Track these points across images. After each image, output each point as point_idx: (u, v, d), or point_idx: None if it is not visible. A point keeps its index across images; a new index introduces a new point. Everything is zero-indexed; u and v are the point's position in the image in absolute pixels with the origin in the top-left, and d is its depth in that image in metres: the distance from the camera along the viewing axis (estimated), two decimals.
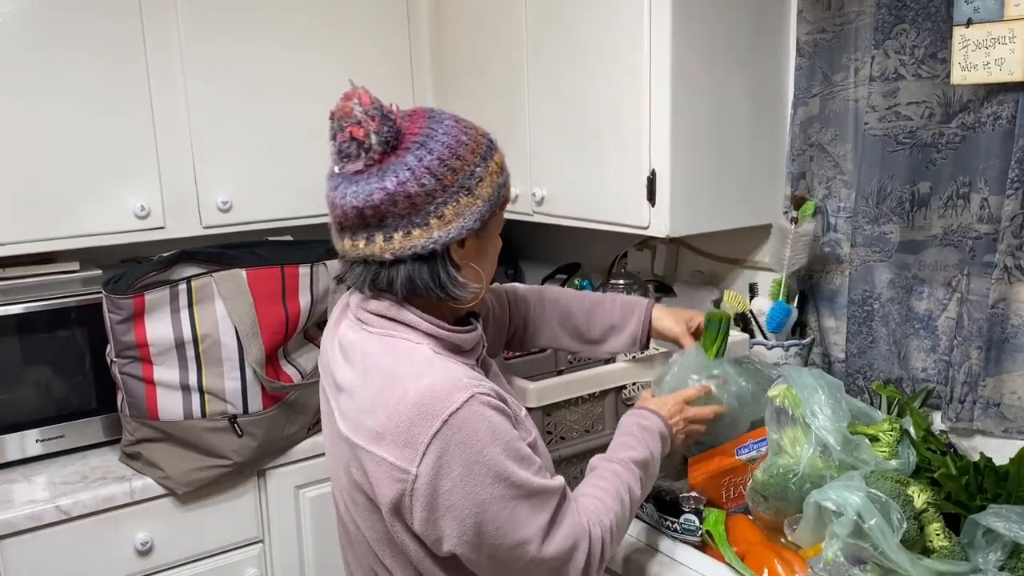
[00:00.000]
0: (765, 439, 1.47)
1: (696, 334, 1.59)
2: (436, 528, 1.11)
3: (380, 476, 1.12)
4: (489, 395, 1.12)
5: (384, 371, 1.15)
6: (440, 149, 1.15)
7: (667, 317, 1.59)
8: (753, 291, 2.04)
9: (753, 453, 1.48)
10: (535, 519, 1.12)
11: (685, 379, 1.51)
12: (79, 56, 1.99)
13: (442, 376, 1.12)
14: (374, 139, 1.12)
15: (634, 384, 1.74)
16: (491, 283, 1.27)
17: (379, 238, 1.14)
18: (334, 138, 1.16)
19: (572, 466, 1.62)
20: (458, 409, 1.08)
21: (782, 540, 1.42)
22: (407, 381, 1.11)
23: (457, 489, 1.08)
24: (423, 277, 1.16)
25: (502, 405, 1.14)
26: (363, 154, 1.13)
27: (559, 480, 1.18)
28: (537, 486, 1.13)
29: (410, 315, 1.19)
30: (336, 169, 1.17)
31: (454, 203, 1.15)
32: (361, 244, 1.16)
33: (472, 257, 1.21)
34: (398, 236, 1.14)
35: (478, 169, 1.18)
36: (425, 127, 1.17)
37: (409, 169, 1.13)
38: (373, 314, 1.20)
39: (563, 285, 2.54)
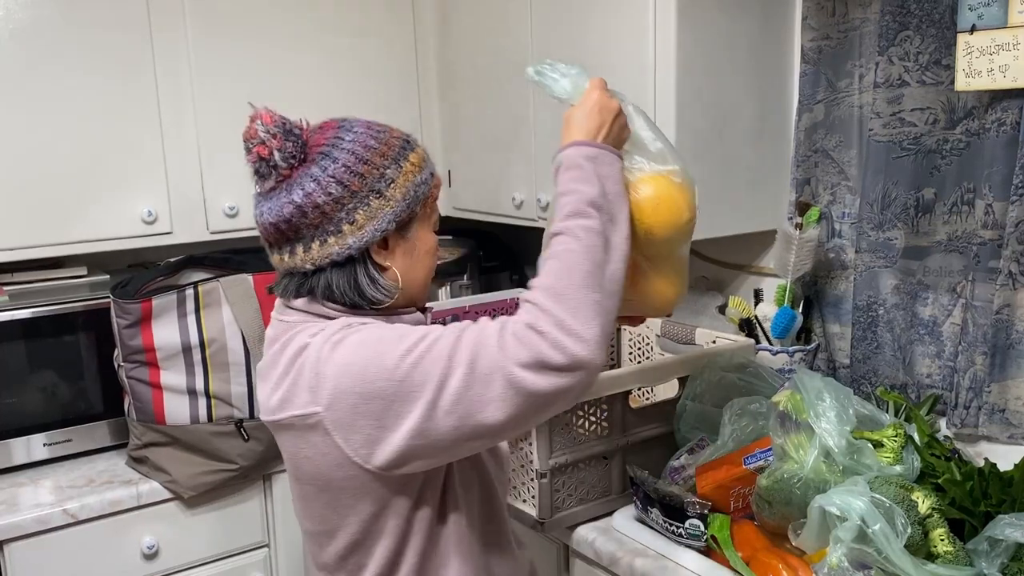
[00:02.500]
0: (771, 448, 1.47)
1: None
2: (366, 437, 1.10)
3: (303, 435, 1.15)
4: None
5: (293, 347, 1.18)
6: (345, 156, 1.17)
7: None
8: (758, 297, 2.04)
9: (760, 462, 1.48)
10: (444, 354, 1.08)
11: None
12: (88, 65, 2.01)
13: (323, 333, 1.15)
14: (277, 156, 1.16)
15: (640, 389, 1.75)
16: (430, 278, 1.28)
17: (299, 249, 1.18)
18: (248, 160, 1.20)
19: (579, 470, 1.63)
20: (328, 339, 1.13)
21: (787, 545, 1.42)
22: (303, 351, 1.15)
23: (362, 393, 1.09)
24: (340, 283, 1.19)
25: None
26: (272, 172, 1.17)
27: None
28: (421, 334, 1.11)
29: (325, 308, 1.20)
30: (256, 189, 1.22)
31: (365, 207, 1.17)
32: (285, 257, 1.21)
33: (398, 257, 1.22)
34: (315, 246, 1.17)
35: (388, 171, 1.18)
36: (332, 137, 1.20)
37: (314, 180, 1.16)
38: (293, 310, 1.23)
39: None
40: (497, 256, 2.70)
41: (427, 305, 1.34)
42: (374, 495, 1.18)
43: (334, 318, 1.19)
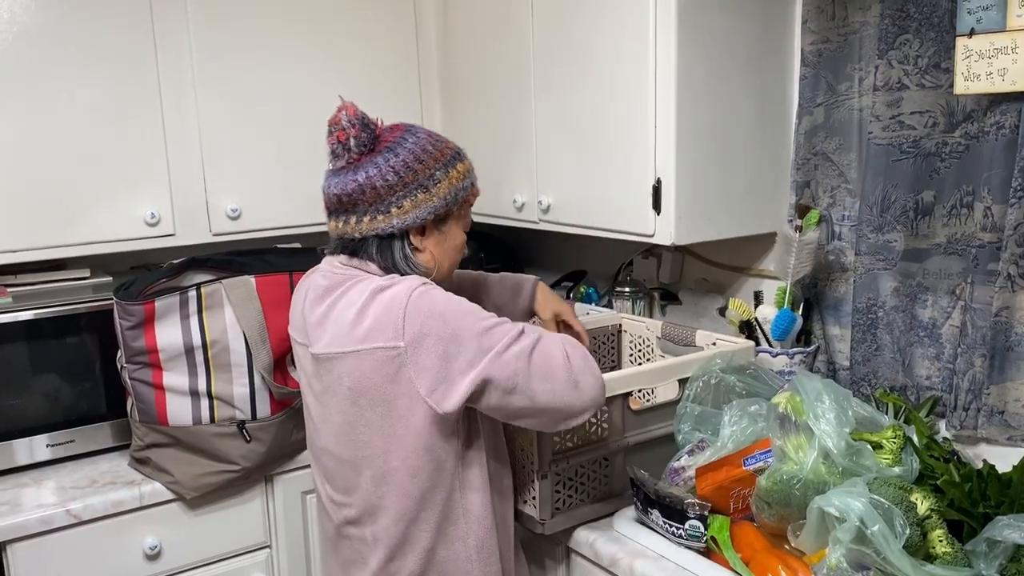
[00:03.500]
0: (771, 450, 1.47)
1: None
2: (443, 381, 1.35)
3: (377, 364, 1.36)
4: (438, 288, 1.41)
5: (360, 291, 1.41)
6: (405, 154, 1.43)
7: (548, 303, 1.84)
8: (758, 299, 2.04)
9: (760, 463, 1.49)
10: (503, 335, 1.37)
11: None
12: (91, 66, 2.01)
13: (402, 283, 1.40)
14: (352, 143, 1.42)
15: (640, 391, 1.76)
16: (454, 270, 1.56)
17: (352, 220, 1.44)
18: (328, 141, 1.45)
19: (580, 472, 1.63)
20: (414, 290, 1.37)
21: (786, 546, 1.42)
22: (379, 292, 1.39)
23: (436, 339, 1.34)
24: (382, 252, 1.45)
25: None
26: (345, 154, 1.43)
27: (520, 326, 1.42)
28: (498, 320, 1.39)
29: (369, 267, 1.46)
30: (329, 166, 1.48)
31: (412, 198, 1.42)
32: (340, 224, 1.46)
33: (431, 244, 1.47)
34: (366, 219, 1.43)
35: (437, 173, 1.44)
36: (399, 136, 1.45)
37: (377, 167, 1.42)
38: (343, 265, 1.47)
39: (569, 292, 2.55)
40: (498, 258, 2.71)
41: None
42: (423, 427, 1.39)
43: (378, 275, 1.43)
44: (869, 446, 1.42)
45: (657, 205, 1.85)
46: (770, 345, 1.92)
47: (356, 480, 1.46)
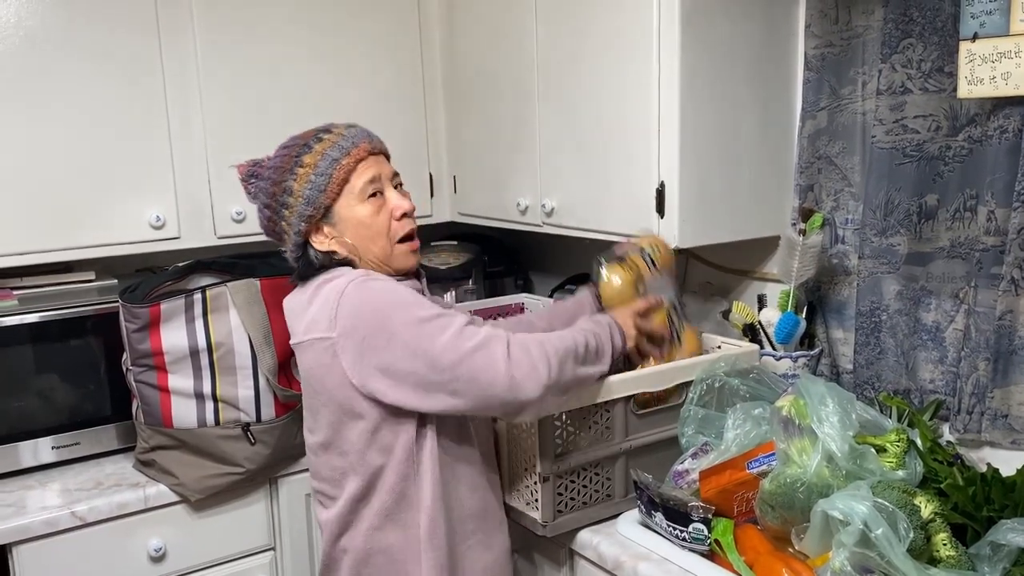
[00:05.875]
0: (775, 453, 1.48)
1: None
2: (365, 371, 1.39)
3: (316, 354, 1.44)
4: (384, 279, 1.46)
5: (315, 284, 1.49)
6: (263, 184, 1.52)
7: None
8: (762, 302, 2.04)
9: (764, 466, 1.49)
10: (442, 332, 1.38)
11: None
12: (98, 71, 2.02)
13: (343, 276, 1.45)
14: (251, 194, 1.57)
15: (644, 394, 1.76)
16: (393, 241, 1.52)
17: (281, 250, 1.58)
18: None
19: (582, 474, 1.64)
20: (351, 282, 1.42)
21: (790, 549, 1.42)
22: (324, 285, 1.46)
23: (367, 330, 1.38)
24: (308, 264, 1.52)
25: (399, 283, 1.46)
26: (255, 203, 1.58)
27: (464, 318, 1.43)
28: (437, 312, 1.40)
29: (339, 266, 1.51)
30: None
31: (282, 219, 1.51)
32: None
33: (334, 235, 1.50)
34: (283, 248, 1.56)
35: (287, 183, 1.48)
36: (260, 169, 1.56)
37: (257, 207, 1.56)
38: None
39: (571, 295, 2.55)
40: (502, 261, 2.71)
41: (420, 270, 1.62)
42: (367, 414, 1.43)
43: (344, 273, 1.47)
44: (873, 449, 1.42)
45: (661, 208, 1.86)
46: (774, 348, 1.92)
47: (317, 465, 1.55)
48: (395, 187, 1.54)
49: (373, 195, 1.49)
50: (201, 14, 2.13)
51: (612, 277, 1.75)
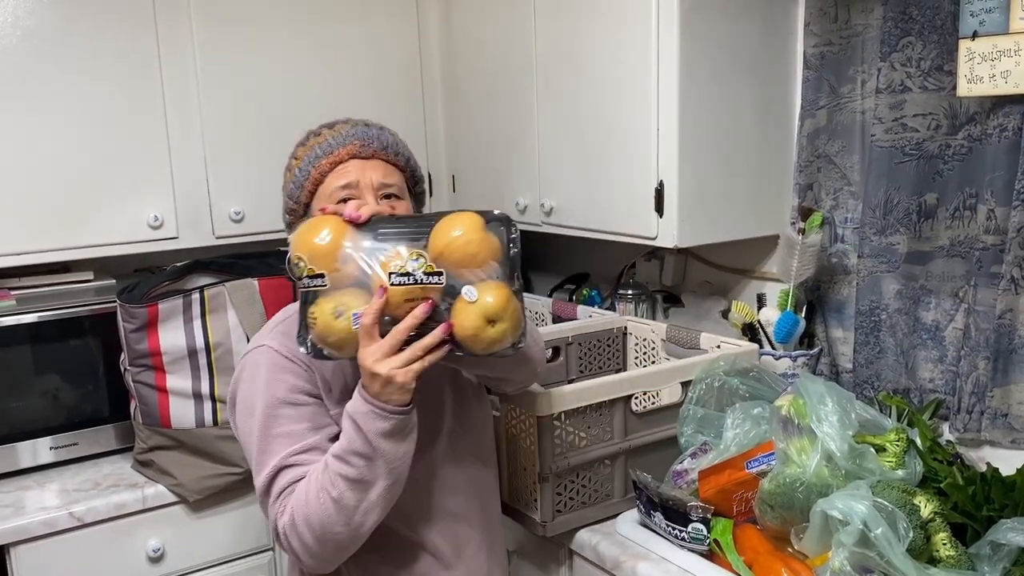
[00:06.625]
0: (774, 453, 1.47)
1: None
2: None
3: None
4: (277, 348, 1.34)
5: None
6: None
7: None
8: (761, 301, 2.04)
9: (763, 466, 1.49)
10: (259, 471, 1.32)
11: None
12: (95, 70, 2.02)
13: (258, 334, 1.43)
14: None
15: (644, 393, 1.76)
16: None
17: None
18: None
19: (582, 474, 1.63)
20: (248, 352, 1.38)
21: (789, 549, 1.42)
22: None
23: (234, 409, 1.37)
24: None
25: (285, 357, 1.34)
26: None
27: (275, 464, 1.29)
28: (263, 448, 1.31)
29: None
30: None
31: (284, 210, 1.44)
32: None
33: None
34: None
35: (286, 173, 1.43)
36: None
37: None
38: None
39: (571, 295, 2.55)
40: None
41: None
42: None
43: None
44: (872, 449, 1.42)
45: (660, 207, 1.85)
46: (773, 348, 1.92)
47: None
48: (384, 196, 1.36)
49: (343, 201, 1.33)
50: (198, 13, 2.12)
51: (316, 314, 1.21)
